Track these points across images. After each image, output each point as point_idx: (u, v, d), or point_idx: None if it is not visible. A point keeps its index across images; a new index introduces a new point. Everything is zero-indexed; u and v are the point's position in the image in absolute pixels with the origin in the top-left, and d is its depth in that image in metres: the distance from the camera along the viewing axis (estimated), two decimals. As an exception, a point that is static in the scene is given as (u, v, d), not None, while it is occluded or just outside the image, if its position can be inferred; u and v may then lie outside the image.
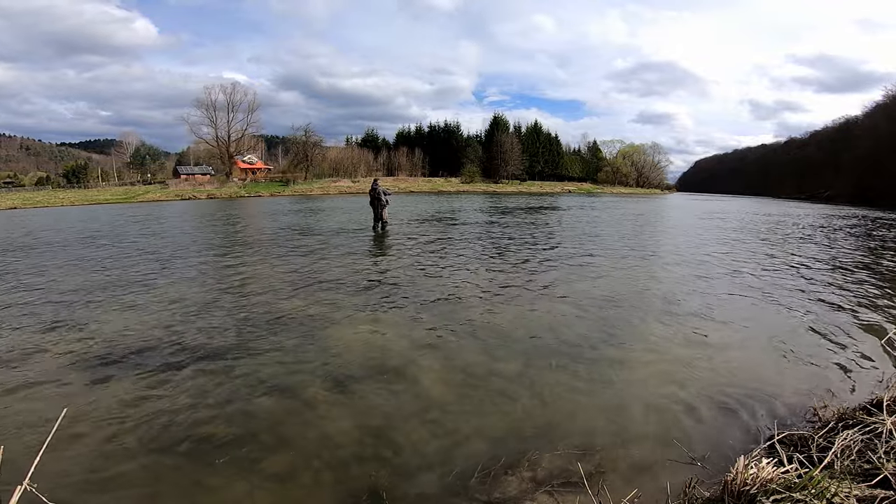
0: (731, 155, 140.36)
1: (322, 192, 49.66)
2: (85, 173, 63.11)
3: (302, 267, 7.53)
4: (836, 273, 7.66)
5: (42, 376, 3.42)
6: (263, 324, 4.58)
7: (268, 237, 11.93)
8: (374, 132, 75.40)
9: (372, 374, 3.43)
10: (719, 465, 2.35)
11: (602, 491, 2.15)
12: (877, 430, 2.27)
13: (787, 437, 2.51)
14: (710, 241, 11.95)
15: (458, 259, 8.30)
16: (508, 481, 2.25)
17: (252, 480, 2.27)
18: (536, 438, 2.61)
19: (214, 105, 53.72)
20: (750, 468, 1.95)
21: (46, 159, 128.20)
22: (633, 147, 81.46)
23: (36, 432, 2.64)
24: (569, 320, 4.74)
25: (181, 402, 3.02)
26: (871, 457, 2.03)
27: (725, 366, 3.64)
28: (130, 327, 4.52)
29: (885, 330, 4.60)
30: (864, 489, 1.80)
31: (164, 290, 5.99)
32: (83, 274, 7.17)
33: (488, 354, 3.83)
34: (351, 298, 5.52)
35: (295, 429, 2.72)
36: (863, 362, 3.79)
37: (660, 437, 2.65)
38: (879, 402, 2.65)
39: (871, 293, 6.22)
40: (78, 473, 2.30)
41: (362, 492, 2.19)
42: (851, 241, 12.76)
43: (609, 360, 3.72)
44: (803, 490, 1.78)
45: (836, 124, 77.15)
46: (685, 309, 5.22)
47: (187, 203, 35.50)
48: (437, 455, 2.47)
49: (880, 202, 42.14)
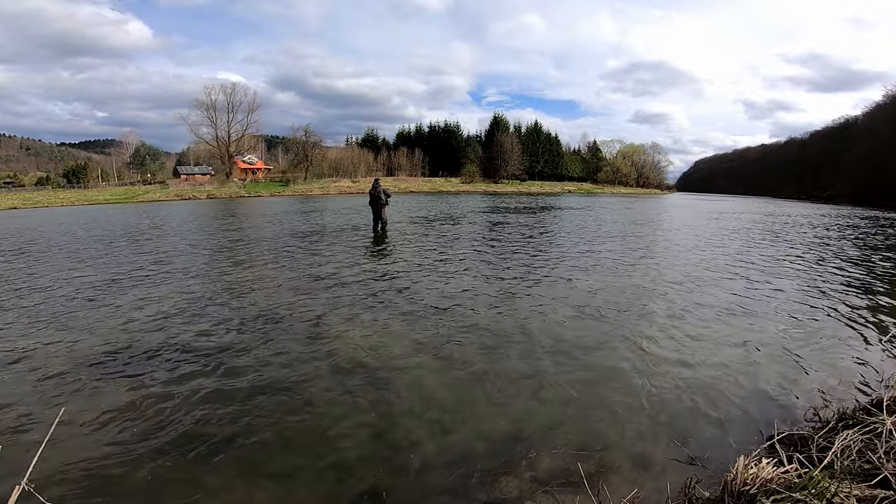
0: (731, 155, 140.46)
1: (322, 192, 49.64)
2: (85, 173, 63.14)
3: (302, 267, 7.52)
4: (837, 272, 7.66)
5: (41, 376, 3.41)
6: (263, 324, 4.58)
7: (268, 238, 11.92)
8: (374, 132, 75.62)
9: (372, 374, 3.43)
10: (719, 465, 2.35)
11: (602, 491, 2.15)
12: (877, 430, 2.27)
13: (787, 437, 2.51)
14: (710, 240, 11.95)
15: (458, 259, 8.30)
16: (508, 481, 2.25)
17: (252, 480, 2.27)
18: (536, 438, 2.61)
19: (214, 105, 53.75)
20: (750, 468, 1.95)
21: (46, 159, 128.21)
22: (633, 147, 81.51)
23: (34, 432, 2.63)
24: (570, 322, 4.74)
25: (180, 401, 3.02)
26: (871, 457, 2.03)
27: (725, 365, 3.64)
28: (129, 327, 4.51)
29: (886, 329, 4.60)
30: (864, 489, 1.80)
31: (163, 290, 5.99)
32: (83, 273, 7.17)
33: (488, 354, 3.82)
34: (351, 298, 5.52)
35: (295, 428, 2.72)
36: (863, 362, 3.79)
37: (660, 436, 2.65)
38: (879, 402, 2.65)
39: (873, 291, 6.22)
40: (76, 473, 2.29)
41: (362, 492, 2.19)
42: (858, 240, 12.76)
43: (609, 360, 3.72)
44: (803, 490, 1.78)
45: (836, 124, 77.32)
46: (685, 308, 5.21)
47: (187, 203, 35.49)
48: (437, 455, 2.46)
49: (880, 202, 42.15)
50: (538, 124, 75.64)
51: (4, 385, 3.27)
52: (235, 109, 54.81)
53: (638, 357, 3.79)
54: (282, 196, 44.79)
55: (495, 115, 72.26)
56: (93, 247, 10.38)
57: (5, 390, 3.19)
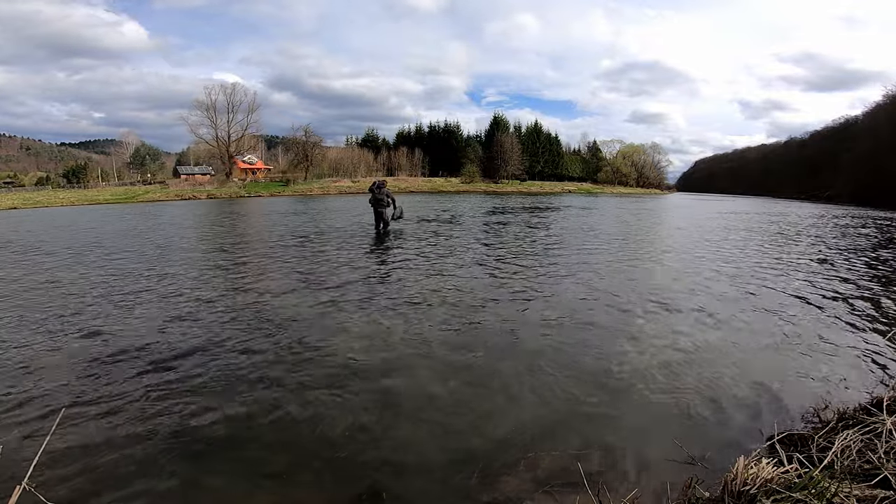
0: (731, 155, 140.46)
1: (322, 192, 49.61)
2: (85, 173, 63.17)
3: (302, 267, 7.52)
4: (839, 271, 7.66)
5: (40, 375, 3.41)
6: (263, 323, 4.58)
7: (267, 238, 11.92)
8: (374, 132, 75.58)
9: (372, 374, 3.43)
10: (719, 465, 2.35)
11: (602, 491, 2.15)
12: (877, 430, 2.27)
13: (787, 437, 2.51)
14: (703, 237, 11.95)
15: (459, 260, 8.30)
16: (508, 481, 2.25)
17: (252, 480, 2.27)
18: (536, 438, 2.61)
19: (214, 106, 53.70)
20: (750, 468, 1.95)
21: (46, 159, 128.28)
22: (633, 147, 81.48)
23: (34, 432, 2.63)
24: (570, 322, 4.74)
25: (180, 401, 3.02)
26: (871, 457, 2.03)
27: (726, 365, 3.64)
28: (129, 326, 4.51)
29: (887, 328, 4.60)
30: (864, 489, 1.80)
31: (163, 290, 5.99)
32: (84, 273, 7.17)
33: (489, 355, 3.83)
34: (351, 298, 5.52)
35: (295, 428, 2.72)
36: (863, 361, 3.79)
37: (660, 436, 2.65)
38: (879, 402, 2.65)
39: (873, 291, 6.22)
40: (77, 473, 2.29)
41: (362, 492, 2.19)
42: (864, 240, 12.75)
43: (609, 360, 3.72)
44: (803, 490, 1.78)
45: (836, 124, 77.32)
46: (684, 308, 5.21)
47: (187, 203, 35.48)
48: (437, 455, 2.46)
49: (880, 202, 42.12)
50: (538, 124, 75.68)
51: (4, 385, 3.27)
52: (235, 110, 54.80)
53: (638, 357, 3.79)
54: (282, 196, 44.77)
55: (495, 115, 72.30)
56: (93, 249, 10.38)
57: (5, 390, 3.19)
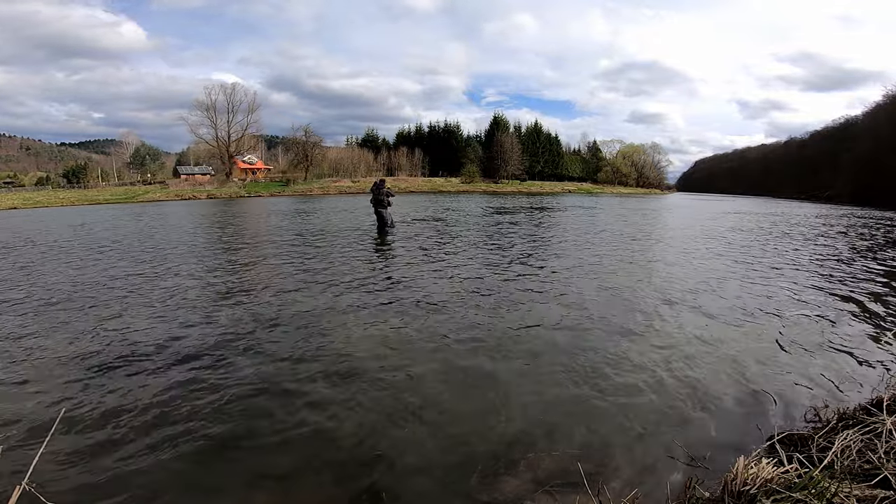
0: (731, 155, 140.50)
1: (322, 192, 49.64)
2: (85, 173, 63.17)
3: (302, 268, 7.52)
4: (839, 271, 7.66)
5: (40, 375, 3.41)
6: (263, 324, 4.58)
7: (268, 238, 11.93)
8: (374, 132, 75.60)
9: (372, 374, 3.43)
10: (719, 465, 2.35)
11: (602, 491, 2.14)
12: (877, 430, 2.27)
13: (787, 437, 2.51)
14: (711, 239, 11.95)
15: (460, 260, 8.30)
16: (508, 481, 2.25)
17: (252, 480, 2.27)
18: (536, 438, 2.61)
19: (214, 106, 53.74)
20: (750, 468, 1.95)
21: (46, 159, 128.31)
22: (633, 147, 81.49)
23: (34, 432, 2.63)
24: (571, 322, 4.74)
25: (180, 401, 3.02)
26: (871, 457, 2.03)
27: (726, 365, 3.64)
28: (130, 326, 4.51)
29: (887, 328, 4.60)
30: (864, 489, 1.80)
31: (162, 291, 5.99)
32: (84, 273, 7.17)
33: (490, 355, 3.82)
34: (352, 299, 5.52)
35: (295, 428, 2.72)
36: (863, 361, 3.79)
37: (660, 436, 2.65)
38: (879, 402, 2.65)
39: (874, 291, 6.22)
40: (76, 473, 2.29)
41: (362, 492, 2.19)
42: (864, 241, 12.75)
43: (610, 360, 3.72)
44: (803, 490, 1.78)
45: (836, 124, 77.31)
46: (684, 307, 5.21)
47: (187, 203, 35.47)
48: (437, 455, 2.46)
49: (880, 202, 42.11)
50: (538, 124, 75.74)
51: (4, 385, 3.27)
52: (235, 110, 54.88)
53: (638, 357, 3.79)
54: (282, 196, 44.79)
55: (495, 115, 72.30)
56: (91, 248, 10.38)
57: (5, 390, 3.19)
